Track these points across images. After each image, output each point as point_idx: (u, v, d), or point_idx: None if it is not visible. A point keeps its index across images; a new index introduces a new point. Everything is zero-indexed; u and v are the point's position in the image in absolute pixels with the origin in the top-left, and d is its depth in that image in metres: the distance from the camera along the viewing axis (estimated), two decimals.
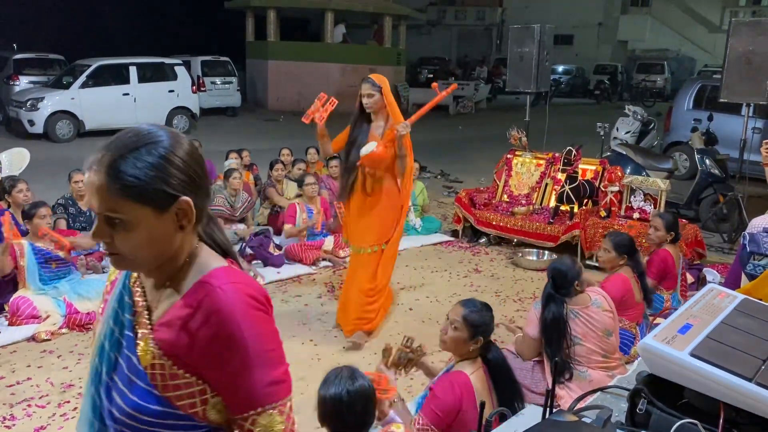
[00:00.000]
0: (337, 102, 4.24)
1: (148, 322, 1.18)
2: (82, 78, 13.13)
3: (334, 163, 7.08)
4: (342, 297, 4.46)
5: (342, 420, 2.08)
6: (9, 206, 5.21)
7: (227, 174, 6.51)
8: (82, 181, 5.80)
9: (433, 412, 2.43)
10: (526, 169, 6.92)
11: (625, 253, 3.84)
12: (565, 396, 3.13)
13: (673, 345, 1.34)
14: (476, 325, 2.52)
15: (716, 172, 7.11)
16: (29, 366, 3.79)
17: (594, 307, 3.25)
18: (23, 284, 4.37)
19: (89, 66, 13.38)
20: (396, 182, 4.20)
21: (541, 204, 6.66)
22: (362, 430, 2.04)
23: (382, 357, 2.72)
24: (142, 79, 13.86)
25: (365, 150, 4.00)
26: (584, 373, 3.21)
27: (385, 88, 4.09)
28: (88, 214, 5.78)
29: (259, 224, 6.74)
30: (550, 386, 1.57)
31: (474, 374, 2.50)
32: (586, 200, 6.23)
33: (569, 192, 6.16)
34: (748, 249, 4.49)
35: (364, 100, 4.08)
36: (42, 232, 4.43)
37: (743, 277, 4.49)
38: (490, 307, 2.63)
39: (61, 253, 4.51)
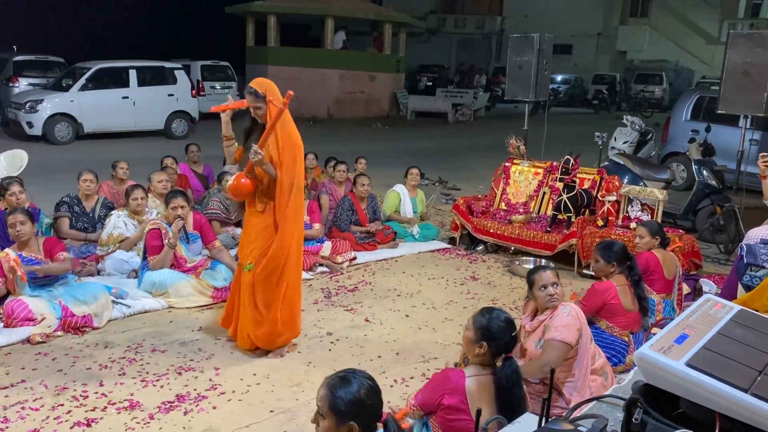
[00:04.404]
0: (246, 105, 3.79)
1: None
2: (82, 81, 13.14)
3: (341, 167, 7.09)
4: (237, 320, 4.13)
5: (374, 410, 1.96)
6: (6, 208, 5.19)
7: (220, 177, 6.50)
8: (90, 180, 5.79)
9: (421, 397, 2.62)
10: (524, 178, 6.93)
11: (614, 260, 3.87)
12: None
13: (669, 355, 1.34)
14: (480, 329, 2.53)
15: (713, 183, 7.13)
16: (23, 368, 3.77)
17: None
18: (14, 292, 4.34)
19: (89, 69, 13.39)
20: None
21: (538, 212, 6.67)
22: (377, 422, 1.97)
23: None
24: (141, 82, 13.88)
25: (227, 182, 3.76)
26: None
27: (270, 93, 3.71)
28: (91, 214, 5.76)
29: None
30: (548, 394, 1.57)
31: (474, 378, 2.51)
32: (583, 209, 6.24)
33: (567, 201, 6.17)
34: (745, 260, 4.51)
35: (253, 113, 3.79)
36: (10, 264, 4.24)
37: (740, 287, 4.50)
38: (512, 323, 2.57)
39: (50, 262, 4.48)
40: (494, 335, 2.50)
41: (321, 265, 5.84)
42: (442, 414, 2.54)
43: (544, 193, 6.75)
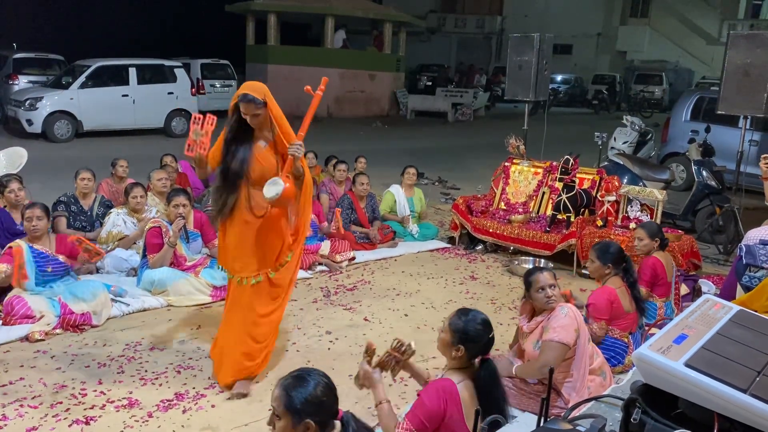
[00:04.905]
0: (215, 119, 3.50)
1: None
2: (82, 78, 13.14)
3: (342, 167, 7.08)
4: (219, 340, 3.76)
5: (330, 407, 1.97)
6: (5, 206, 5.19)
7: None
8: (88, 179, 5.78)
9: (418, 418, 2.42)
10: (523, 178, 6.93)
11: (611, 262, 3.85)
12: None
13: (668, 355, 1.34)
14: (457, 332, 2.46)
15: (713, 183, 7.14)
16: (22, 366, 3.76)
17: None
18: (17, 285, 4.34)
19: (89, 66, 13.39)
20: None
21: (538, 212, 6.67)
22: (334, 419, 1.97)
23: (365, 354, 2.62)
24: (141, 80, 13.88)
25: (272, 192, 3.32)
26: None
27: (269, 99, 3.46)
28: (89, 213, 5.75)
29: None
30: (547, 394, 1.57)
31: (462, 383, 2.45)
32: (582, 209, 6.24)
33: (566, 201, 6.17)
34: (744, 261, 4.51)
35: (249, 120, 3.43)
36: (73, 238, 4.42)
37: (738, 288, 4.50)
38: (489, 324, 2.51)
39: (60, 257, 4.48)
40: (472, 338, 2.45)
41: (320, 264, 5.84)
42: (444, 430, 2.42)
43: (544, 192, 6.75)
